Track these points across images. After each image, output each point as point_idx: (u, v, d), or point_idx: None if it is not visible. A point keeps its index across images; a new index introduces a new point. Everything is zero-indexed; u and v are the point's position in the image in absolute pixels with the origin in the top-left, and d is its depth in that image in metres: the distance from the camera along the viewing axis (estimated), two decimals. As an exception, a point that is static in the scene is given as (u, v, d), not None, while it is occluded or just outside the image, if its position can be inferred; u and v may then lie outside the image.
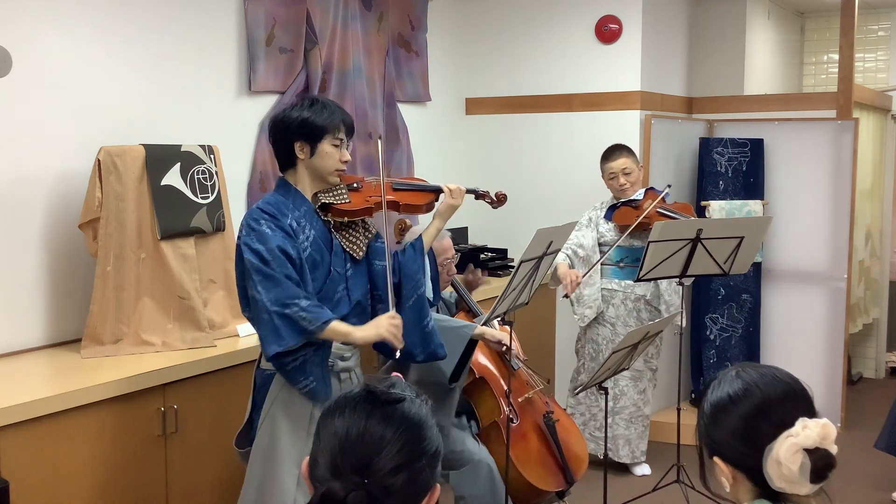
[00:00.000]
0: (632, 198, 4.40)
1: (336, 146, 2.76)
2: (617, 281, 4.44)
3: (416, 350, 2.90)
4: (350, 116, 2.85)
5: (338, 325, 2.66)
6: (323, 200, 2.79)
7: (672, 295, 4.43)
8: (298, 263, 2.66)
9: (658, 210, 4.27)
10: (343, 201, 2.81)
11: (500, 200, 3.22)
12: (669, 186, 4.39)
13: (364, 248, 2.86)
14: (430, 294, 3.01)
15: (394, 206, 2.92)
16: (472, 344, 3.28)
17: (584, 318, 4.46)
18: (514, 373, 3.53)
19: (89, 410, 2.79)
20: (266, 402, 2.75)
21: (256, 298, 2.61)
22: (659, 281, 4.35)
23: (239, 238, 2.70)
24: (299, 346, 2.62)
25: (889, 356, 6.67)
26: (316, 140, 2.74)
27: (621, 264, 4.43)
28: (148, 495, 3.00)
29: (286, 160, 2.80)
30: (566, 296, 4.19)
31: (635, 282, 4.27)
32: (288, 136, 2.75)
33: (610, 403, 4.39)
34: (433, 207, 3.05)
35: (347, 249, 2.82)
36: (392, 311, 2.75)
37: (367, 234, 2.89)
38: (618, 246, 4.34)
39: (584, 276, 4.14)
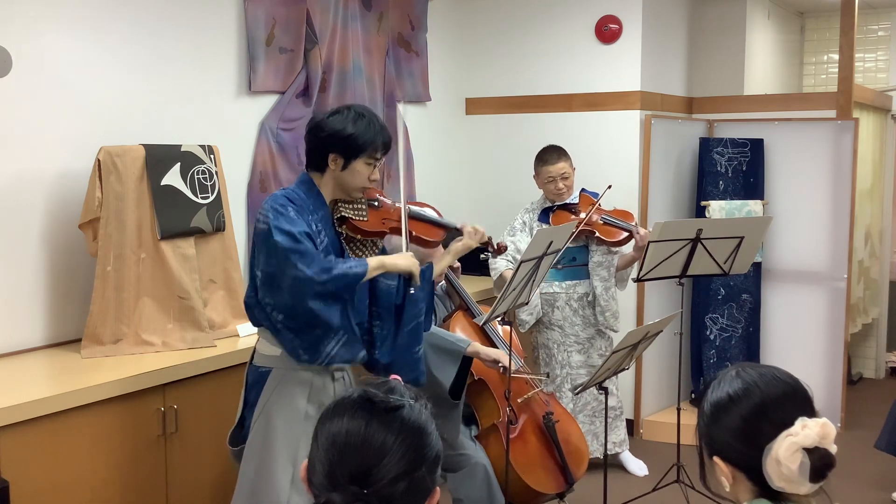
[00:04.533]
0: (567, 201, 4.36)
1: (369, 165, 2.73)
2: (557, 283, 4.39)
3: (401, 372, 2.88)
4: (390, 135, 2.79)
5: (372, 261, 2.70)
6: (342, 213, 2.77)
7: (609, 301, 4.37)
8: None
9: (602, 218, 4.28)
10: (361, 218, 2.79)
11: (499, 250, 3.22)
12: (609, 187, 4.25)
13: None
14: None
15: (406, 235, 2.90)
16: (467, 360, 3.29)
17: (525, 324, 4.41)
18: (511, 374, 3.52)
19: (89, 410, 2.79)
20: (260, 400, 2.73)
21: (301, 277, 2.53)
22: (595, 285, 4.35)
23: (260, 222, 2.62)
24: (340, 328, 2.65)
25: (889, 356, 6.67)
26: (352, 156, 2.70)
27: (559, 266, 4.36)
28: (148, 495, 3.00)
29: (316, 164, 2.75)
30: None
31: (636, 282, 4.27)
32: (325, 144, 2.70)
33: (570, 405, 4.37)
34: (440, 246, 3.02)
35: None
36: (411, 253, 2.80)
37: (374, 249, 2.88)
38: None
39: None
